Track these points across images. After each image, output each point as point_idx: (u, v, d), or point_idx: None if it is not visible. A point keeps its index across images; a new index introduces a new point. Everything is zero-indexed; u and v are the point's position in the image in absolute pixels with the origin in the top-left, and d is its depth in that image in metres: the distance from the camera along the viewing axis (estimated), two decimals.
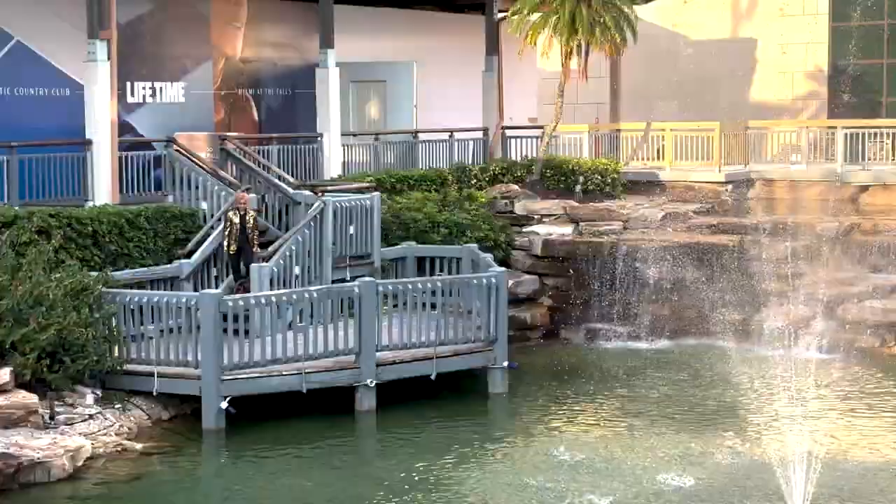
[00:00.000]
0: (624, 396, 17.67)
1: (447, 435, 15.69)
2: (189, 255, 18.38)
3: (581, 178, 25.23)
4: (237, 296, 16.55)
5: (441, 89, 26.57)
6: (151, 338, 16.11)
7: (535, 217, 23.85)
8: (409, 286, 17.39)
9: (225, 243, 18.32)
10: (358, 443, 15.74)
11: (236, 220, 18.32)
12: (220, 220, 18.65)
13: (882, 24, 29.97)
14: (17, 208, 17.65)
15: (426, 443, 15.36)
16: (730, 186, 24.97)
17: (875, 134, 25.28)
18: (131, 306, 16.17)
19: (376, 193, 20.51)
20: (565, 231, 23.31)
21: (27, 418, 14.23)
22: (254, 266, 18.07)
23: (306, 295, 16.66)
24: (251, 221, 18.41)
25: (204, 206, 19.56)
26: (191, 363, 15.85)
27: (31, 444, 13.66)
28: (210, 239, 18.54)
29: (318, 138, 23.13)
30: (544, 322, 22.27)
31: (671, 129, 26.06)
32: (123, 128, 20.46)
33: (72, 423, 14.76)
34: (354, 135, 24.87)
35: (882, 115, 29.26)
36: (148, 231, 18.47)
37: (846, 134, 25.07)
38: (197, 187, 19.78)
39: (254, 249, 18.36)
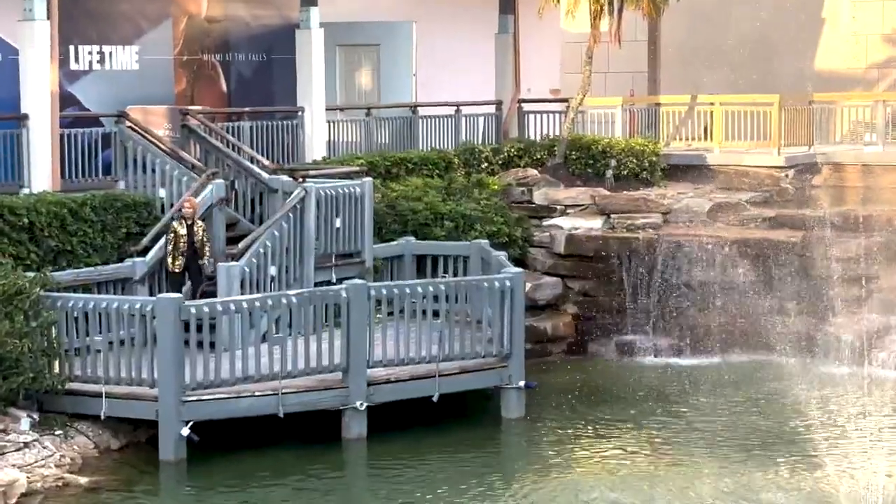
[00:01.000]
0: (664, 424, 17.64)
1: (452, 468, 15.67)
2: (144, 252, 18.32)
3: (613, 162, 25.20)
4: (201, 301, 16.53)
5: (446, 55, 26.52)
6: (99, 351, 16.06)
7: (558, 208, 23.85)
8: (407, 290, 17.38)
9: (169, 259, 18.04)
10: (345, 477, 15.70)
11: (182, 231, 18.07)
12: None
13: None
14: None
15: (426, 478, 15.33)
16: (791, 172, 24.90)
17: None
18: (75, 313, 16.14)
19: (368, 179, 20.49)
20: (594, 225, 23.30)
21: None
22: (222, 266, 18.06)
23: (284, 300, 16.65)
24: (200, 234, 18.27)
25: (162, 193, 19.48)
26: (146, 381, 15.83)
27: None
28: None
29: (299, 113, 23.09)
30: (568, 333, 22.29)
31: (721, 103, 26.00)
32: (66, 100, 20.40)
33: (3, 453, 14.71)
34: (342, 109, 24.81)
35: None
36: (95, 223, 18.44)
37: None
38: (154, 171, 19.73)
39: (203, 262, 18.12)
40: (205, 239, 18.25)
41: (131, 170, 19.90)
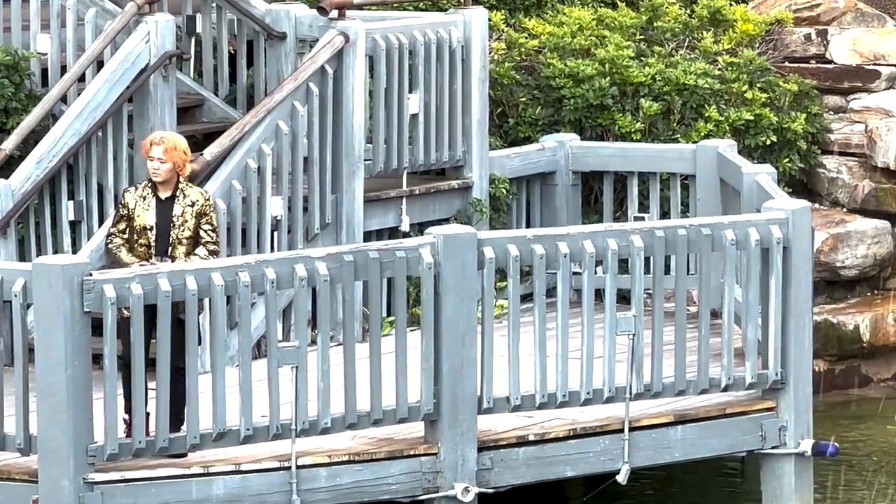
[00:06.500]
0: None
1: None
2: (5, 166, 18.77)
3: None
4: (133, 271, 16.43)
5: None
6: None
7: (883, 72, 24.14)
8: (563, 246, 17.32)
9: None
10: None
11: (148, 215, 16.79)
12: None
13: None
14: None
15: None
16: None
17: None
18: None
19: (477, 10, 20.74)
20: None
21: None
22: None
23: (301, 268, 16.62)
24: (189, 218, 16.95)
25: (44, 45, 20.11)
26: (12, 442, 16.04)
27: None
28: (61, 130, 19.02)
29: None
30: None
31: None
32: None
33: None
34: None
35: None
36: None
37: None
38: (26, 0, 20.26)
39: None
40: (210, 230, 17.15)
41: None
